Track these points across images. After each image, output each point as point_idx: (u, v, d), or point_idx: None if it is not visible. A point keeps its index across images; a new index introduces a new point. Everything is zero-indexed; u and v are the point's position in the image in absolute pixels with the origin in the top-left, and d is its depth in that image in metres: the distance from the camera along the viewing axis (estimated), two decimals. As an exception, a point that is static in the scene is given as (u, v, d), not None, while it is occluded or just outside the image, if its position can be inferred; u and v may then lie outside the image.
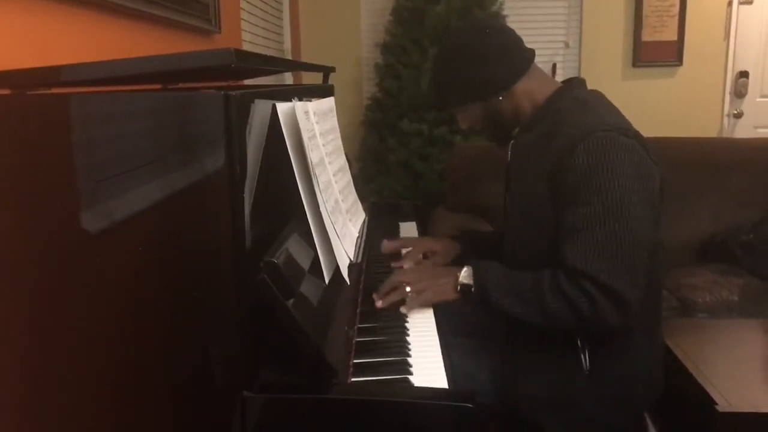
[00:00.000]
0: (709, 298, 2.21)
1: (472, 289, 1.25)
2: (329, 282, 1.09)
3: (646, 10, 3.67)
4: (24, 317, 0.89)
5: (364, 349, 1.11)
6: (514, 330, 1.30)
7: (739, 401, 1.38)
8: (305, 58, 3.63)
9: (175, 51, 0.83)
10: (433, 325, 1.24)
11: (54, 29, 1.21)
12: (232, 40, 2.37)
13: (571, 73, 3.72)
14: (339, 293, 1.16)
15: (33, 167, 0.84)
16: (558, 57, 3.77)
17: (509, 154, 1.43)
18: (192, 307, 0.85)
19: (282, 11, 3.39)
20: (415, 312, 1.26)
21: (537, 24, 3.69)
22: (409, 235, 1.84)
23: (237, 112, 0.80)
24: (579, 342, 1.26)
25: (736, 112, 3.80)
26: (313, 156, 1.04)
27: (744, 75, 3.75)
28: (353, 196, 1.47)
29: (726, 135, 3.80)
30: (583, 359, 1.26)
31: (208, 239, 0.84)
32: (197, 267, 0.85)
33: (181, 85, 1.36)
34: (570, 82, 1.38)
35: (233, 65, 0.78)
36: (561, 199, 1.21)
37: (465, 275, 1.26)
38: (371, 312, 1.25)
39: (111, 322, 0.86)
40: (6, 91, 0.86)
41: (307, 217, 1.05)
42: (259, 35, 2.91)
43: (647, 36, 3.70)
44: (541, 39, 3.64)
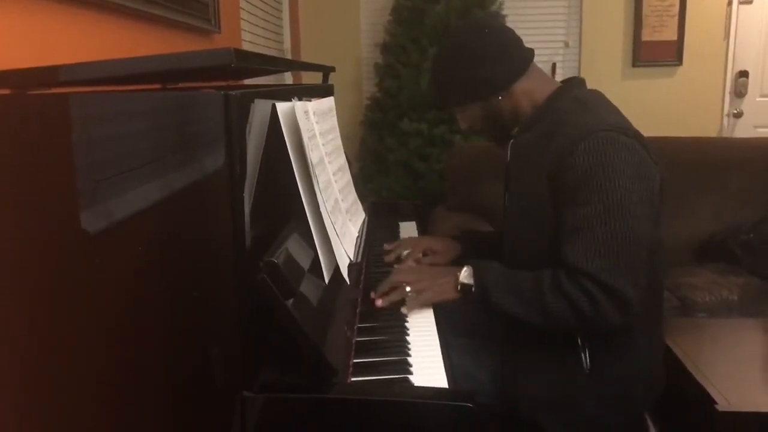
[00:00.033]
0: (709, 297, 2.21)
1: (472, 289, 1.25)
2: (329, 282, 1.09)
3: (645, 9, 3.67)
4: (24, 317, 0.89)
5: (364, 349, 1.11)
6: (514, 330, 1.30)
7: (739, 401, 1.38)
8: (305, 57, 3.63)
9: (175, 51, 0.83)
10: (433, 325, 1.24)
11: (54, 29, 1.21)
12: (231, 39, 2.37)
13: (571, 73, 3.72)
14: (339, 293, 1.16)
15: (33, 167, 0.84)
16: (558, 57, 3.76)
17: (509, 153, 1.43)
18: (192, 307, 0.85)
19: (282, 11, 3.39)
20: (415, 312, 1.26)
21: (537, 23, 3.69)
22: (409, 235, 1.84)
23: (237, 111, 0.80)
24: (579, 341, 1.26)
25: (735, 111, 3.80)
26: (313, 156, 1.04)
27: (744, 75, 3.75)
28: (353, 195, 1.47)
29: (726, 135, 3.80)
30: (584, 358, 1.25)
31: (208, 239, 0.84)
32: (197, 267, 0.85)
33: (181, 85, 1.36)
34: (569, 81, 1.38)
35: (233, 65, 0.78)
36: (561, 199, 1.21)
37: (465, 275, 1.26)
38: (371, 312, 1.25)
39: (111, 322, 0.86)
40: (6, 91, 0.86)
41: (307, 217, 1.05)
42: (259, 35, 2.91)
43: (647, 36, 3.70)
44: (541, 38, 3.64)
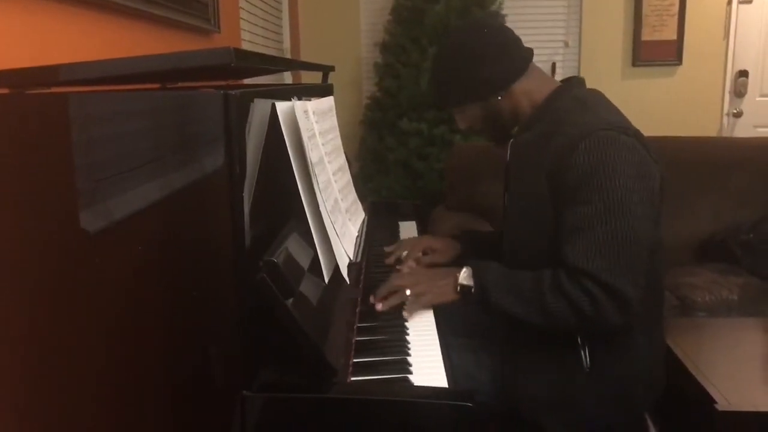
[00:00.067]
0: (709, 297, 2.21)
1: (471, 290, 1.25)
2: (329, 281, 1.09)
3: (645, 9, 3.66)
4: (24, 317, 0.89)
5: (363, 349, 1.11)
6: (514, 329, 1.30)
7: (739, 400, 1.38)
8: (304, 57, 3.63)
9: (175, 50, 0.83)
10: (433, 325, 1.24)
11: (53, 28, 1.21)
12: (231, 39, 2.36)
13: (571, 73, 3.72)
14: (339, 292, 1.16)
15: (32, 167, 0.84)
16: (557, 56, 3.76)
17: (508, 153, 1.42)
18: (192, 307, 0.85)
19: (281, 11, 3.39)
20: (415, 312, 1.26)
21: (536, 23, 3.69)
22: (409, 235, 1.84)
23: (236, 111, 0.80)
24: (579, 340, 1.26)
25: (735, 111, 3.80)
26: (313, 155, 1.04)
27: (743, 74, 3.75)
28: (353, 195, 1.47)
29: (726, 134, 3.80)
30: (584, 358, 1.25)
31: (207, 239, 0.84)
32: (197, 266, 0.85)
33: (181, 85, 1.36)
34: (569, 81, 1.38)
35: (232, 64, 0.78)
36: (561, 199, 1.21)
37: (464, 276, 1.26)
38: (371, 311, 1.25)
39: (111, 321, 0.86)
40: (5, 91, 0.86)
41: (307, 217, 1.05)
42: (259, 35, 2.91)
43: (647, 35, 3.70)
44: (541, 38, 3.64)
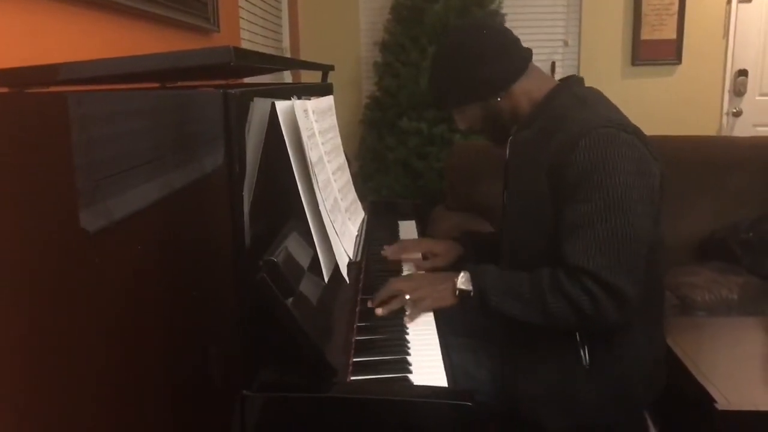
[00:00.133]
0: (709, 296, 2.21)
1: (470, 294, 1.25)
2: (329, 281, 1.09)
3: (645, 8, 3.66)
4: (24, 317, 0.88)
5: (363, 348, 1.11)
6: (513, 329, 1.30)
7: (739, 399, 1.38)
8: (304, 56, 3.62)
9: (174, 49, 0.83)
10: (433, 324, 1.24)
11: (53, 27, 1.21)
12: (230, 38, 2.36)
13: (571, 72, 3.71)
14: (338, 292, 1.16)
15: (32, 166, 0.84)
16: (557, 55, 3.76)
17: (507, 151, 1.42)
18: (192, 307, 0.85)
19: (281, 10, 3.39)
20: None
21: (536, 22, 3.69)
22: (409, 234, 1.84)
23: (236, 110, 0.80)
24: (578, 338, 1.26)
25: (735, 110, 3.80)
26: (312, 154, 1.04)
27: (743, 73, 3.75)
28: (352, 194, 1.47)
29: (725, 133, 3.80)
30: (583, 355, 1.25)
31: (207, 238, 0.84)
32: (197, 266, 0.84)
33: (180, 84, 1.36)
34: (568, 80, 1.38)
35: (232, 63, 0.78)
36: (561, 196, 1.21)
37: (463, 281, 1.26)
38: (371, 311, 1.25)
39: (111, 321, 0.86)
40: (4, 90, 0.86)
41: (307, 216, 1.05)
42: (258, 34, 2.91)
43: (646, 34, 3.70)
44: (540, 37, 3.64)
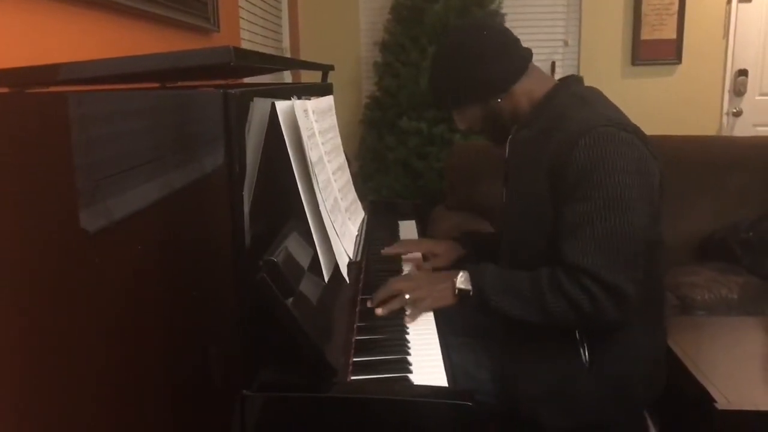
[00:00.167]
0: (708, 296, 2.21)
1: (470, 294, 1.25)
2: (329, 280, 1.09)
3: (645, 8, 3.66)
4: (24, 317, 0.88)
5: (363, 348, 1.11)
6: (513, 328, 1.29)
7: (739, 399, 1.38)
8: (304, 56, 3.62)
9: (174, 49, 0.83)
10: (433, 324, 1.24)
11: (53, 27, 1.21)
12: (230, 38, 2.36)
13: (571, 72, 3.71)
14: (338, 292, 1.16)
15: (32, 166, 0.84)
16: (557, 55, 3.76)
17: (507, 150, 1.42)
18: (192, 307, 0.85)
19: (281, 10, 3.39)
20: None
21: (536, 22, 3.68)
22: (409, 234, 1.84)
23: (236, 110, 0.80)
24: (578, 336, 1.26)
25: (735, 110, 3.80)
26: (312, 154, 1.04)
27: (743, 73, 3.75)
28: (352, 194, 1.47)
29: (725, 133, 3.80)
30: (583, 354, 1.25)
31: (207, 238, 0.84)
32: (197, 266, 0.84)
33: (180, 84, 1.36)
34: (567, 79, 1.38)
35: (232, 63, 0.78)
36: (560, 195, 1.21)
37: (462, 280, 1.26)
38: (371, 311, 1.25)
39: (111, 321, 0.86)
40: (5, 90, 0.86)
41: (307, 216, 1.05)
42: (258, 34, 2.91)
43: (646, 34, 3.70)
44: (540, 37, 3.64)
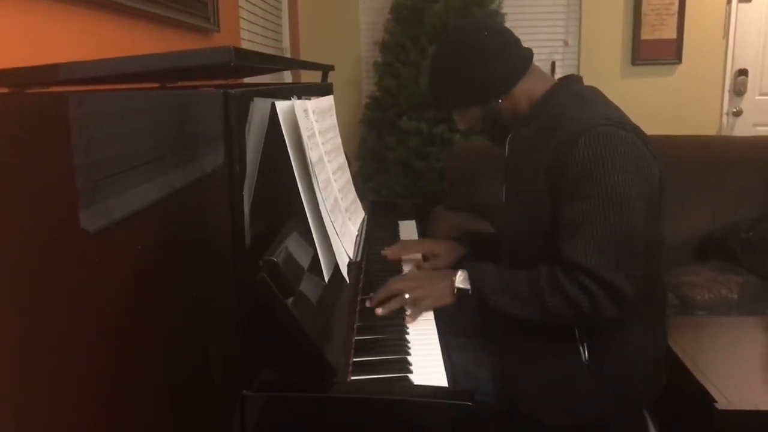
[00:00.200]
0: (708, 295, 2.21)
1: (469, 293, 1.25)
2: (329, 280, 1.09)
3: (645, 8, 3.66)
4: (24, 317, 0.88)
5: (363, 348, 1.11)
6: (512, 327, 1.29)
7: (738, 399, 1.38)
8: (304, 56, 3.62)
9: (174, 49, 0.83)
10: (433, 324, 1.24)
11: (53, 27, 1.21)
12: (231, 38, 2.36)
13: (571, 72, 3.71)
14: (338, 292, 1.16)
15: (32, 166, 0.84)
16: (557, 55, 3.76)
17: (506, 149, 1.42)
18: (192, 307, 0.85)
19: (281, 10, 3.39)
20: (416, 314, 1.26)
21: (536, 22, 3.68)
22: (409, 234, 1.84)
23: (236, 110, 0.80)
24: (577, 334, 1.26)
25: (735, 110, 3.80)
26: (313, 154, 1.04)
27: (743, 73, 3.75)
28: (352, 194, 1.47)
29: (725, 133, 3.80)
30: (582, 352, 1.26)
31: (207, 238, 0.84)
32: (197, 266, 0.84)
33: (180, 84, 1.36)
34: (566, 79, 1.38)
35: (232, 63, 0.78)
36: (560, 194, 1.21)
37: (461, 279, 1.26)
38: (371, 310, 1.25)
39: (111, 321, 0.86)
40: (4, 90, 0.86)
41: (307, 216, 1.05)
42: (258, 34, 2.91)
43: (646, 34, 3.70)
44: (540, 37, 3.64)
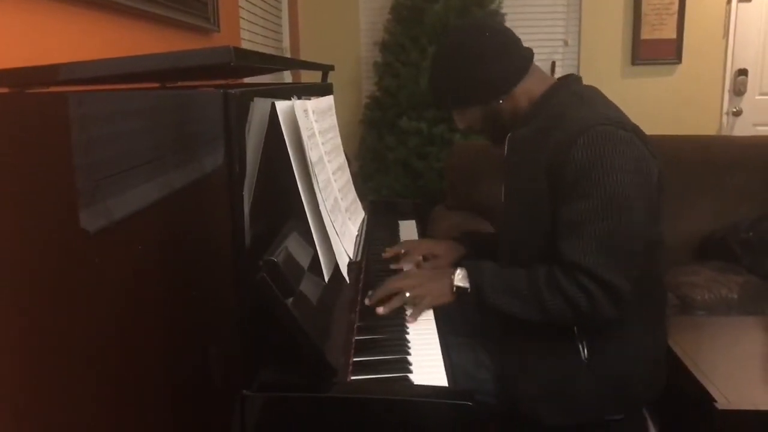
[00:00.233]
0: (708, 295, 2.21)
1: (467, 291, 1.25)
2: (329, 280, 1.09)
3: (645, 8, 3.66)
4: (24, 317, 0.88)
5: (363, 348, 1.11)
6: (511, 325, 1.29)
7: (738, 399, 1.38)
8: (304, 56, 3.62)
9: (174, 49, 0.83)
10: (433, 324, 1.24)
11: (53, 27, 1.21)
12: (231, 38, 2.36)
13: (570, 72, 3.71)
14: (338, 291, 1.16)
15: (32, 166, 0.84)
16: (557, 55, 3.76)
17: (506, 148, 1.42)
18: (192, 307, 0.85)
19: (281, 10, 3.39)
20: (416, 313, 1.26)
21: (536, 22, 3.68)
22: (409, 234, 1.84)
23: (236, 110, 0.80)
24: (576, 333, 1.26)
25: (735, 109, 3.80)
26: (312, 154, 1.04)
27: (743, 73, 3.75)
28: (352, 194, 1.47)
29: (725, 133, 3.80)
30: (582, 350, 1.26)
31: (207, 238, 0.84)
32: (197, 266, 0.84)
33: (180, 84, 1.36)
34: (566, 78, 1.38)
35: (232, 63, 0.78)
36: (559, 194, 1.21)
37: (460, 277, 1.27)
38: (371, 310, 1.25)
39: (111, 321, 0.86)
40: (5, 90, 0.86)
41: (307, 216, 1.05)
42: (258, 34, 2.91)
43: (646, 34, 3.70)
44: (540, 37, 3.64)
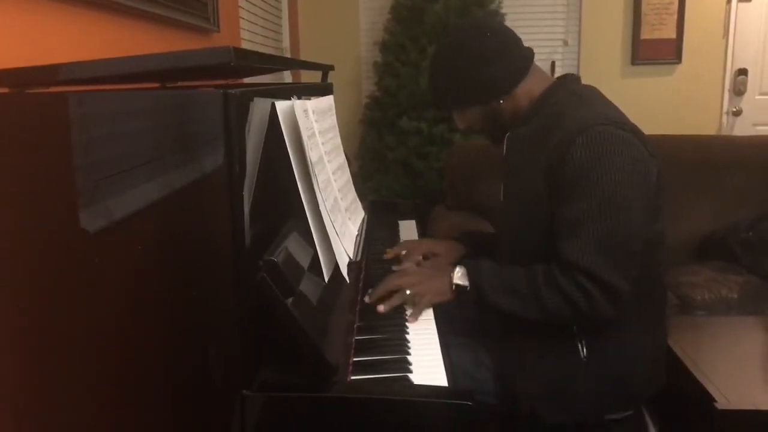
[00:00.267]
0: (708, 295, 2.21)
1: (467, 289, 1.25)
2: (329, 280, 1.09)
3: (645, 7, 3.66)
4: (24, 317, 0.89)
5: (363, 348, 1.11)
6: (510, 324, 1.30)
7: (738, 399, 1.38)
8: (304, 56, 3.63)
9: (174, 50, 0.83)
10: (433, 324, 1.24)
11: (53, 27, 1.21)
12: (231, 38, 2.36)
13: (570, 71, 3.71)
14: (338, 291, 1.16)
15: (32, 166, 0.84)
16: (557, 55, 3.76)
17: (505, 147, 1.42)
18: (192, 307, 0.85)
19: (281, 10, 3.39)
20: (416, 313, 1.26)
21: (536, 22, 3.69)
22: (409, 234, 1.84)
23: (236, 110, 0.80)
24: (575, 332, 1.26)
25: (735, 109, 3.80)
26: (312, 154, 1.04)
27: (743, 72, 3.75)
28: (352, 194, 1.47)
29: (725, 133, 3.80)
30: (581, 349, 1.26)
31: (207, 238, 0.84)
32: (197, 266, 0.85)
33: (180, 84, 1.36)
34: (565, 77, 1.38)
35: (232, 63, 0.78)
36: (558, 194, 1.21)
37: (459, 276, 1.27)
38: (371, 310, 1.25)
39: (111, 321, 0.86)
40: (5, 90, 0.86)
41: (307, 216, 1.05)
42: (258, 34, 2.91)
43: (646, 34, 3.70)
44: (540, 37, 3.64)
